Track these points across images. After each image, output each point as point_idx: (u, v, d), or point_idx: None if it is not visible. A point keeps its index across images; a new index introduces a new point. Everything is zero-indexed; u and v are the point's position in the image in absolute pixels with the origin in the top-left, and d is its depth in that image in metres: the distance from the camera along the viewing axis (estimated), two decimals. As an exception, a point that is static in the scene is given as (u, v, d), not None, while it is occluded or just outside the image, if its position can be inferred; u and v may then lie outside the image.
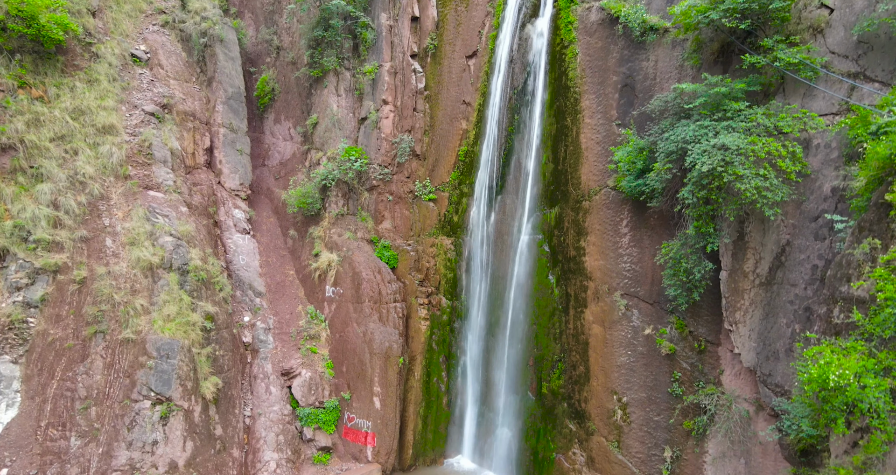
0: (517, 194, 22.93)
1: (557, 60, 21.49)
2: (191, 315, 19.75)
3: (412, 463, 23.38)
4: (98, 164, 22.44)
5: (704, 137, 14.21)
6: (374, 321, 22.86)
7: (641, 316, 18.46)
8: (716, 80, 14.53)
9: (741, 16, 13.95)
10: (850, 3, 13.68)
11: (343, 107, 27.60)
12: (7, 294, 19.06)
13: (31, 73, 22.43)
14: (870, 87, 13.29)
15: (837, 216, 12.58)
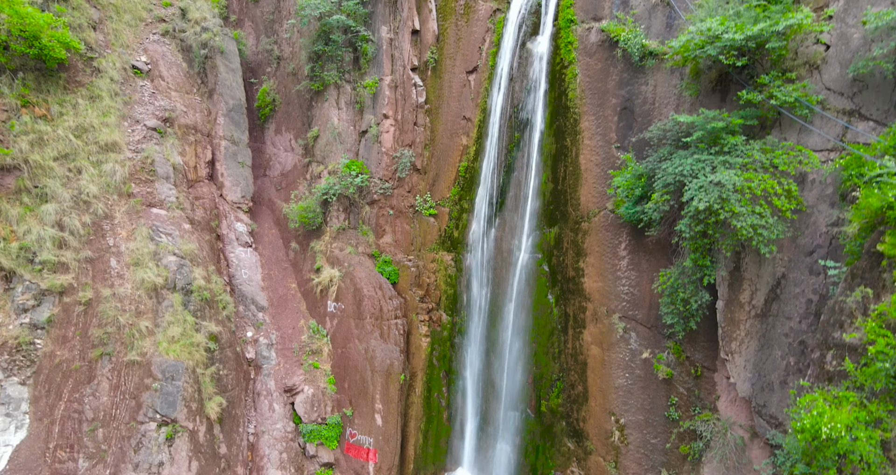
0: (517, 212, 23.05)
1: (557, 80, 21.49)
2: (195, 335, 20.05)
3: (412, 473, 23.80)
4: (101, 182, 22.61)
5: (702, 172, 14.30)
6: (376, 338, 23.13)
7: (639, 339, 18.68)
8: (713, 114, 14.59)
9: (738, 53, 13.97)
10: (845, 41, 13.68)
11: (344, 120, 27.65)
12: (14, 316, 19.36)
13: (33, 92, 22.53)
14: (864, 126, 13.35)
15: (831, 262, 12.71)
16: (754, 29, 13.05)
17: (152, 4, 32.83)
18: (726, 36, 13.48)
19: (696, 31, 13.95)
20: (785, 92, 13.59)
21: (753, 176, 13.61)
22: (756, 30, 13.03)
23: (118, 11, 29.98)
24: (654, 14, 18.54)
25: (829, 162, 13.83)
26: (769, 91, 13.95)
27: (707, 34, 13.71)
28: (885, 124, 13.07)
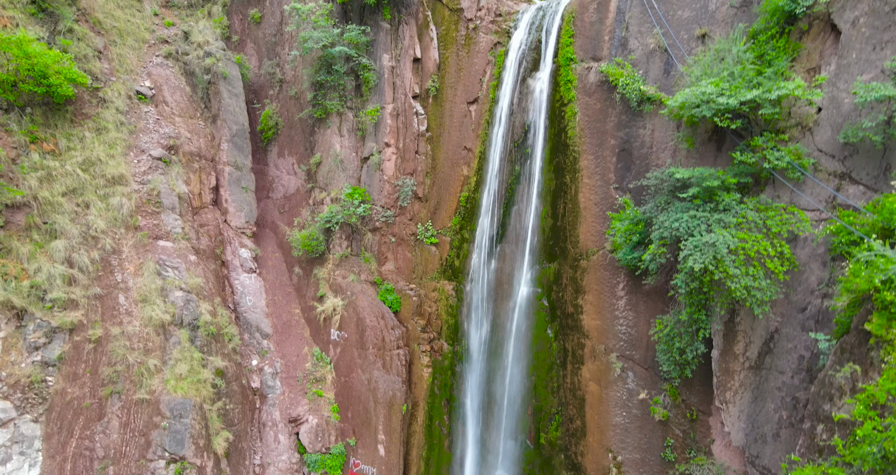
0: (517, 245, 23.35)
1: (557, 117, 21.69)
2: (202, 372, 20.53)
3: (415, 501, 24.35)
4: (109, 216, 23.00)
5: (697, 229, 14.56)
6: (378, 368, 23.58)
7: (636, 379, 19.04)
8: (709, 172, 14.80)
9: (733, 116, 14.16)
10: (837, 105, 13.86)
11: (346, 147, 27.91)
12: (26, 354, 19.85)
13: (41, 127, 22.88)
14: (854, 190, 13.58)
15: (821, 335, 13.01)
16: (748, 95, 13.25)
17: (155, 25, 33.12)
18: (721, 100, 13.67)
19: (692, 94, 14.14)
20: (777, 156, 13.82)
21: (747, 236, 13.87)
22: (750, 97, 13.22)
23: (121, 35, 30.27)
24: (652, 59, 18.68)
25: (822, 222, 14.06)
26: (762, 152, 14.17)
27: (702, 98, 13.90)
28: (875, 189, 13.29)
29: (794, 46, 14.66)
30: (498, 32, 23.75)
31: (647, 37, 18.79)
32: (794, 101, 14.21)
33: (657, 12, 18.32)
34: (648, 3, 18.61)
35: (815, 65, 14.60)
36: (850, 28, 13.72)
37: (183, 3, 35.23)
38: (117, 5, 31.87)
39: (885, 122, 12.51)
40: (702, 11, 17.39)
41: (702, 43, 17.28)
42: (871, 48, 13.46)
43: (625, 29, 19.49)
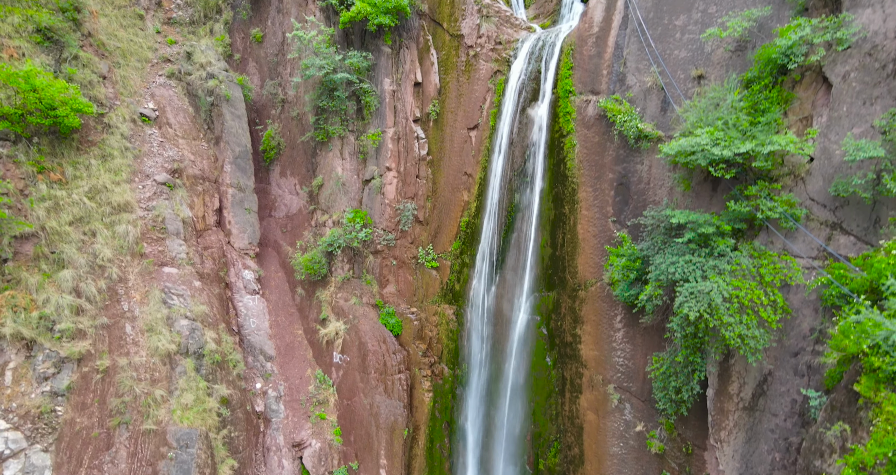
0: (517, 272, 23.67)
1: (556, 147, 21.95)
2: (207, 401, 20.97)
3: (416, 520, 24.83)
4: (115, 244, 23.38)
5: (692, 275, 14.86)
6: (380, 393, 23.98)
7: (633, 411, 19.41)
8: (704, 219, 15.09)
9: (727, 165, 14.43)
10: (828, 156, 14.11)
11: (347, 169, 28.21)
12: (36, 384, 20.27)
13: (48, 156, 23.21)
14: (846, 240, 13.86)
15: (812, 391, 13.32)
16: (742, 148, 13.51)
17: (157, 43, 33.39)
18: (716, 151, 13.93)
19: (687, 143, 14.40)
20: (770, 206, 14.09)
21: (742, 284, 14.18)
22: (744, 150, 13.49)
23: (125, 55, 30.56)
24: (650, 96, 18.91)
25: (814, 270, 14.35)
26: (756, 202, 14.44)
27: (697, 147, 14.16)
28: (865, 241, 13.57)
29: (786, 96, 14.90)
30: (498, 60, 23.96)
31: (644, 74, 19.01)
32: (787, 151, 14.46)
33: (654, 51, 18.53)
34: (646, 42, 18.83)
35: (808, 114, 14.84)
36: (840, 82, 13.96)
37: (185, 20, 35.42)
38: (120, 25, 32.16)
39: (873, 180, 12.78)
40: (698, 53, 17.61)
41: (698, 84, 17.52)
42: (862, 103, 13.70)
43: (623, 64, 19.71)
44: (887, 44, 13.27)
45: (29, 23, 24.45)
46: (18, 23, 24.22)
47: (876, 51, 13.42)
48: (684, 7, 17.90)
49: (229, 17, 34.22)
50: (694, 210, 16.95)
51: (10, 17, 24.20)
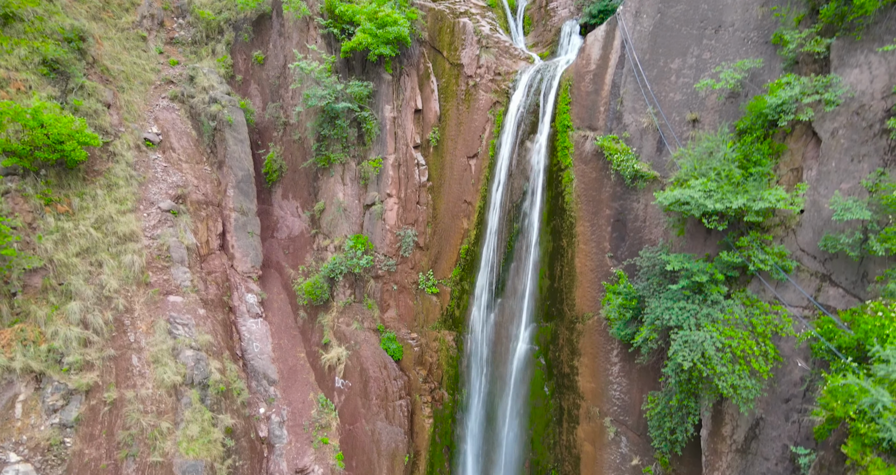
0: (515, 301, 24.05)
1: (554, 181, 22.29)
2: (212, 431, 21.44)
3: (417, 542, 25.33)
4: (121, 274, 23.80)
5: (686, 323, 15.24)
6: (382, 419, 24.44)
7: (629, 444, 19.83)
8: (697, 267, 15.44)
9: (720, 218, 14.78)
10: (818, 209, 14.45)
11: (349, 194, 28.59)
12: (45, 416, 20.75)
13: (55, 188, 23.61)
14: (835, 292, 14.22)
15: (802, 448, 13.71)
16: (734, 204, 13.85)
17: (160, 64, 33.76)
18: (708, 204, 14.28)
19: (681, 194, 14.73)
20: (762, 258, 14.44)
21: (734, 333, 14.55)
22: (735, 206, 13.83)
23: (128, 79, 30.93)
24: (646, 136, 19.23)
25: (805, 319, 14.71)
26: (747, 253, 14.80)
27: (690, 199, 14.50)
28: (854, 294, 13.92)
29: (777, 147, 15.22)
30: (497, 92, 24.27)
31: (640, 114, 19.33)
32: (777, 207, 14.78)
33: (650, 92, 18.84)
34: (641, 82, 19.13)
35: (798, 165, 15.17)
36: (829, 138, 14.28)
37: (187, 41, 35.74)
38: (123, 47, 32.53)
39: (860, 239, 13.12)
40: (692, 97, 17.92)
41: (693, 127, 17.84)
42: (850, 159, 14.03)
43: (619, 103, 20.03)
44: (874, 104, 13.58)
45: (35, 55, 24.82)
46: (25, 55, 24.59)
47: (863, 110, 13.74)
48: (679, 51, 18.19)
49: (231, 37, 34.53)
50: (688, 251, 17.33)
51: (17, 50, 24.56)
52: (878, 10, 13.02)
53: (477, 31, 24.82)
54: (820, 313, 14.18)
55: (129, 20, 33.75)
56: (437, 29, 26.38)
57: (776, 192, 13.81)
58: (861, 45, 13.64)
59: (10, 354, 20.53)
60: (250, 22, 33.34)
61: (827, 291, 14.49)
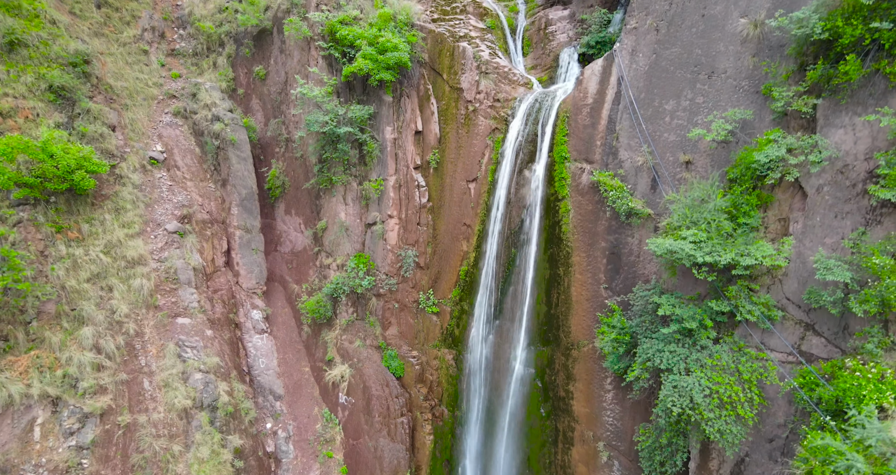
0: (513, 324, 24.77)
1: (552, 210, 22.80)
2: (222, 452, 22.41)
3: (419, 550, 26.55)
4: (131, 298, 24.55)
5: (676, 366, 15.94)
6: (384, 436, 25.41)
7: (622, 469, 20.73)
8: (688, 314, 16.07)
9: (710, 269, 15.34)
10: (803, 260, 15.01)
11: (350, 214, 29.14)
12: (63, 439, 21.69)
13: (65, 215, 24.22)
14: (818, 341, 14.88)
15: None
16: (723, 260, 14.42)
17: (162, 78, 34.08)
18: (698, 255, 14.85)
19: (673, 244, 15.29)
20: (749, 309, 15.06)
21: (721, 379, 15.26)
22: (724, 262, 14.40)
23: (132, 95, 31.29)
24: (640, 174, 19.69)
25: (790, 365, 15.40)
26: (736, 302, 15.41)
27: (681, 250, 15.07)
28: (835, 345, 14.57)
29: (766, 198, 15.70)
30: (496, 118, 24.62)
31: (636, 152, 19.75)
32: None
33: (645, 131, 19.25)
34: (636, 121, 19.52)
35: (786, 215, 15.68)
36: (815, 193, 14.76)
37: (188, 52, 35.95)
38: (126, 62, 32.78)
39: (841, 298, 13.72)
40: (686, 139, 18.32)
41: (686, 169, 18.29)
42: (834, 216, 14.53)
43: (616, 139, 20.44)
44: (857, 165, 14.04)
45: (41, 81, 25.21)
46: (31, 82, 24.98)
47: (847, 169, 14.20)
48: (673, 93, 18.55)
49: (232, 50, 34.71)
50: (680, 290, 17.93)
51: (24, 76, 24.94)
52: (862, 76, 13.39)
53: (476, 56, 25.06)
54: (805, 368, 14.86)
55: (130, 34, 33.89)
56: (438, 51, 26.59)
57: (763, 248, 14.37)
58: (846, 108, 14.04)
59: (27, 381, 21.38)
60: (251, 36, 33.49)
61: (810, 340, 15.14)
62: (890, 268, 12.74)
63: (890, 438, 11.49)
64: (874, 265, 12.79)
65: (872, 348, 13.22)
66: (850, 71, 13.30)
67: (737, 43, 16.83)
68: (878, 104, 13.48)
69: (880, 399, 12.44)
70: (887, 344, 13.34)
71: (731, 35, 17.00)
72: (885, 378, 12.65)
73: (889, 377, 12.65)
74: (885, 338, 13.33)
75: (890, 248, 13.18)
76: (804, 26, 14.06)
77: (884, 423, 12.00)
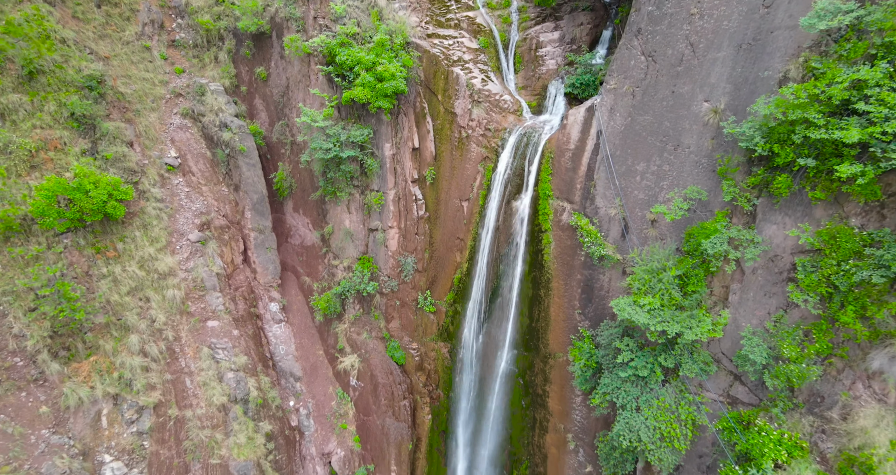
0: (500, 329, 28.37)
1: (535, 239, 25.43)
2: (256, 437, 27.15)
3: (420, 501, 32.44)
4: (166, 306, 28.15)
5: (629, 404, 19.58)
6: (390, 416, 30.12)
7: (585, 456, 25.30)
8: (642, 364, 19.35)
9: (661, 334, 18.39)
10: (737, 326, 17.97)
11: (355, 221, 31.77)
12: (125, 426, 26.36)
13: (101, 236, 27.15)
14: (743, 389, 18.34)
15: None
16: (671, 332, 17.35)
17: (166, 74, 35.36)
18: (652, 324, 17.83)
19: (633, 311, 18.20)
20: (689, 367, 18.34)
21: (664, 417, 18.93)
22: (672, 333, 17.37)
23: (141, 98, 32.93)
24: (612, 223, 22.09)
25: (721, 403, 18.99)
26: (680, 359, 18.66)
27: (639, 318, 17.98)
28: (755, 394, 17.99)
29: (712, 269, 18.34)
30: (487, 148, 26.41)
31: (610, 202, 21.99)
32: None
33: (618, 186, 21.40)
34: (611, 174, 21.58)
35: (728, 284, 18.43)
36: (751, 273, 17.38)
37: (188, 43, 36.64)
38: (131, 61, 33.90)
39: (760, 368, 16.90)
40: (653, 199, 20.55)
41: (652, 226, 20.70)
42: (763, 294, 17.29)
43: (593, 186, 22.57)
44: (784, 257, 16.56)
45: (63, 109, 26.93)
46: (54, 111, 26.76)
47: (777, 259, 16.75)
48: (644, 157, 20.45)
49: (232, 46, 35.35)
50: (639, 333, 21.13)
51: (47, 105, 26.65)
52: (791, 192, 15.52)
53: (469, 84, 26.26)
54: (728, 407, 18.42)
55: (132, 32, 34.50)
56: (433, 72, 27.64)
57: (704, 323, 17.28)
58: (779, 210, 16.27)
59: (91, 383, 25.59)
60: (250, 36, 33.98)
61: (737, 387, 18.57)
62: (795, 355, 15.85)
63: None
64: (783, 351, 15.87)
65: (778, 412, 16.67)
66: (781, 187, 15.41)
67: (699, 124, 18.54)
68: (803, 217, 15.76)
69: (777, 456, 16.11)
70: (790, 407, 16.77)
71: (695, 115, 18.65)
72: (783, 439, 16.23)
73: (785, 439, 16.22)
74: (788, 403, 16.73)
75: (797, 337, 16.16)
76: (748, 141, 15.91)
77: (773, 473, 15.79)
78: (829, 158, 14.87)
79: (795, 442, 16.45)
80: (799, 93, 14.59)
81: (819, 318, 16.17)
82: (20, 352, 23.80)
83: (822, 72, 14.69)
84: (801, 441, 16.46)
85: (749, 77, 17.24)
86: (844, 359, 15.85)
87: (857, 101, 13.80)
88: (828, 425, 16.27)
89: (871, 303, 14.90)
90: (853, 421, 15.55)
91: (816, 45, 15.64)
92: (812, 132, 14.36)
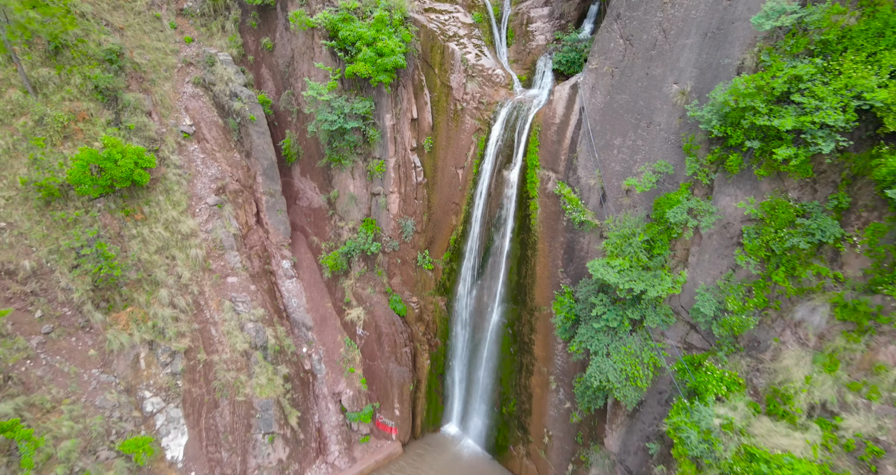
0: (492, 284, 31.45)
1: (524, 205, 28.02)
2: (275, 379, 30.82)
3: (420, 434, 36.66)
4: (190, 264, 31.16)
5: (601, 350, 22.79)
6: (393, 362, 33.76)
7: (565, 394, 28.97)
8: (612, 316, 22.39)
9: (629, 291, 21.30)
10: (694, 283, 20.89)
11: (358, 187, 34.24)
12: (161, 368, 29.96)
13: (129, 200, 29.82)
14: (697, 337, 21.50)
15: (651, 444, 22.05)
16: (637, 289, 20.26)
17: (177, 43, 37.02)
18: (621, 284, 20.70)
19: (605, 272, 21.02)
20: (652, 318, 21.39)
21: (629, 361, 22.17)
22: (637, 290, 20.27)
23: (155, 67, 34.81)
24: (592, 191, 24.60)
25: (678, 349, 22.20)
26: (644, 312, 21.68)
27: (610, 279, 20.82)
28: (707, 340, 21.11)
29: (674, 234, 21.04)
30: (480, 120, 28.52)
31: (590, 172, 24.42)
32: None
33: (597, 158, 23.78)
34: (591, 147, 23.91)
35: (688, 247, 21.18)
36: (707, 238, 20.04)
37: (196, 12, 37.95)
38: (143, 31, 35.53)
39: (711, 318, 19.93)
40: (627, 171, 22.97)
41: (626, 195, 23.25)
42: (717, 256, 20.04)
43: (576, 158, 24.94)
44: (734, 225, 19.22)
45: (88, 82, 28.91)
46: (80, 83, 28.78)
47: (728, 226, 19.41)
48: (621, 132, 22.72)
49: (238, 15, 36.67)
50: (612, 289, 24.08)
51: (73, 78, 28.62)
52: (741, 169, 18.01)
53: (464, 59, 28.03)
54: (684, 352, 21.63)
55: (143, 1, 35.73)
56: (430, 47, 29.31)
57: (665, 282, 20.17)
58: (732, 184, 18.77)
59: (129, 331, 28.94)
60: (255, 7, 35.19)
61: (693, 335, 21.70)
62: (738, 308, 18.85)
63: (711, 421, 18.59)
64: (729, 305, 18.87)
65: (722, 355, 19.85)
66: (733, 164, 17.88)
67: (669, 104, 20.74)
68: (751, 190, 18.31)
69: (718, 390, 19.39)
70: (732, 351, 19.93)
71: (665, 96, 20.81)
72: (724, 377, 19.46)
73: (726, 377, 19.46)
74: (731, 348, 19.88)
75: (741, 293, 19.09)
76: (707, 124, 18.23)
77: (715, 408, 19.09)
78: (772, 141, 17.24)
79: (734, 379, 19.69)
80: (748, 83, 16.79)
81: (759, 277, 19.03)
82: (68, 303, 26.98)
83: (768, 64, 16.83)
84: (739, 378, 19.71)
85: (713, 63, 19.31)
86: (777, 311, 18.83)
87: (794, 92, 16.04)
88: (761, 365, 19.47)
89: (798, 265, 17.71)
90: (779, 361, 18.72)
91: (770, 36, 17.66)
92: (757, 119, 16.67)
